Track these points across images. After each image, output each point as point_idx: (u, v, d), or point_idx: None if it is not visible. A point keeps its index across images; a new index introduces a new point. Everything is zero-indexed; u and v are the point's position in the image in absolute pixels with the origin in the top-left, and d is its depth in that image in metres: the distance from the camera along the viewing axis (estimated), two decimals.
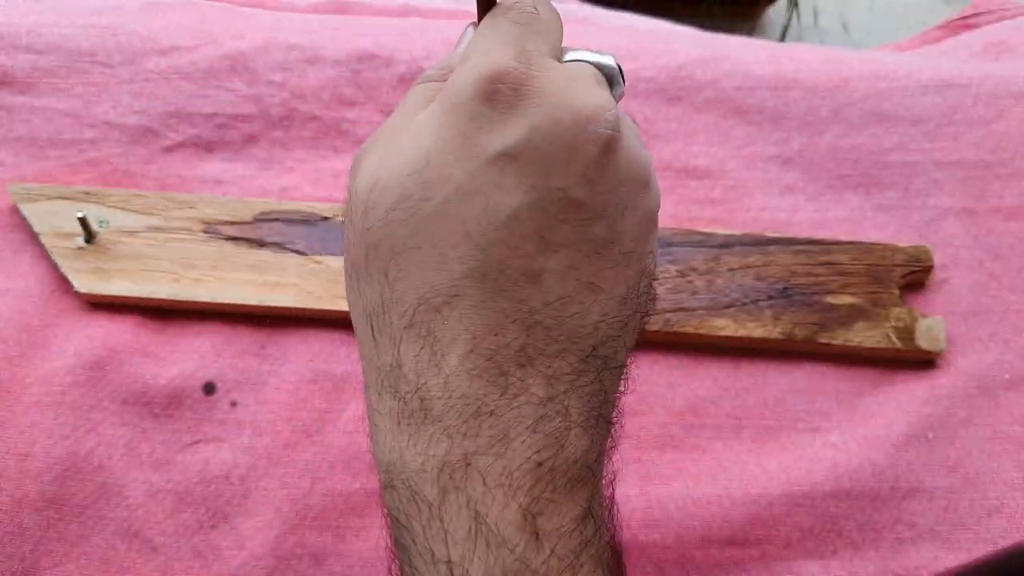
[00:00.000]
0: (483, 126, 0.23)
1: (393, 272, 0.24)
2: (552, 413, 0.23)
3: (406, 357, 0.23)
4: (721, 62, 0.54)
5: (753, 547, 0.42)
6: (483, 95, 0.23)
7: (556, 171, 0.23)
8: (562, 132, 0.23)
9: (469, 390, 0.23)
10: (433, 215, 0.23)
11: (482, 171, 0.23)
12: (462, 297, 0.23)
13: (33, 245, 0.48)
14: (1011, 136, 0.52)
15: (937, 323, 0.46)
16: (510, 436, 0.23)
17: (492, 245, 0.23)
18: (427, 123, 0.24)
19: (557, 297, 0.24)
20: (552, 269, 0.24)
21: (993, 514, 0.43)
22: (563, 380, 0.23)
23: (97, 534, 0.42)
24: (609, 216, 0.24)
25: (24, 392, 0.44)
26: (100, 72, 0.52)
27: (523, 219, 0.23)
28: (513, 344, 0.23)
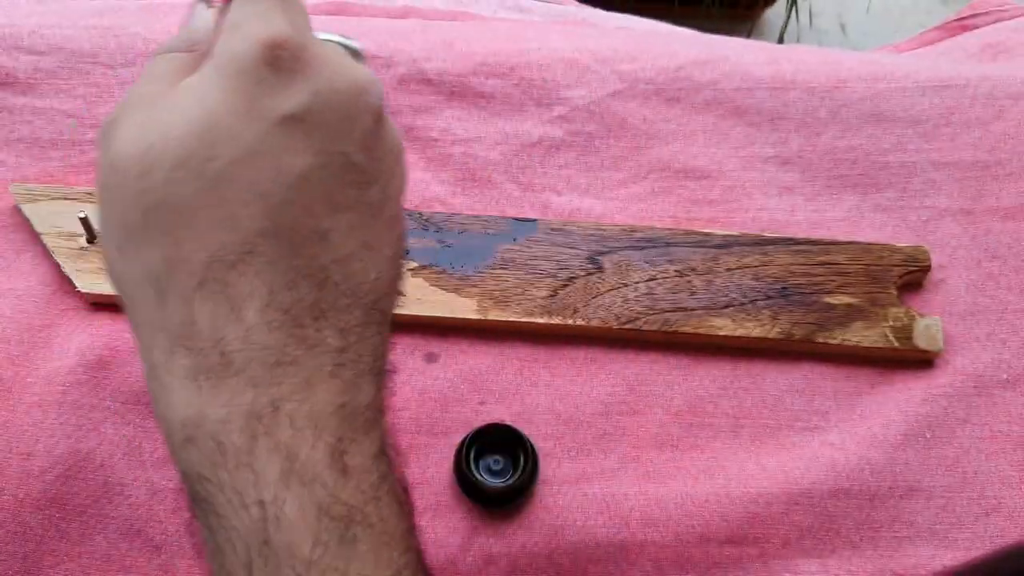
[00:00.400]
0: (268, 90, 0.24)
1: (179, 232, 0.24)
2: (347, 361, 0.25)
3: (200, 314, 0.23)
4: (720, 63, 0.54)
5: (751, 546, 0.43)
6: (266, 59, 0.24)
7: (339, 136, 0.25)
8: (342, 100, 0.25)
9: (269, 341, 0.23)
10: (221, 174, 0.23)
11: (270, 132, 0.24)
12: (256, 254, 0.24)
13: (35, 245, 0.48)
14: (1008, 137, 0.52)
15: (935, 323, 0.47)
16: (312, 382, 0.24)
17: (285, 204, 0.24)
18: (205, 86, 0.24)
19: (343, 255, 0.25)
20: (338, 228, 0.25)
21: (991, 513, 0.44)
22: (353, 332, 0.25)
23: (99, 533, 0.42)
24: (382, 181, 0.26)
25: (26, 391, 0.44)
26: (102, 73, 0.52)
27: (313, 180, 0.24)
28: (307, 298, 0.24)
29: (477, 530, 0.42)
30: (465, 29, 0.56)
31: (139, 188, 0.24)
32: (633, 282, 0.47)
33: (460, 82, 0.53)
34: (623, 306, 0.47)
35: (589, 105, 0.53)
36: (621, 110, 0.53)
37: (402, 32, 0.54)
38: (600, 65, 0.54)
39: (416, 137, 0.52)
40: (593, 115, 0.53)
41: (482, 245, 0.48)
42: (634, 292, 0.47)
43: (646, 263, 0.48)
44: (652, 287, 0.47)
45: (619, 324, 0.46)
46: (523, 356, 0.47)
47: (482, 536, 0.42)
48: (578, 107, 0.53)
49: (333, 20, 0.56)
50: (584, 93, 0.53)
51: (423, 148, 0.52)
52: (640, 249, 0.48)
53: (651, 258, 0.48)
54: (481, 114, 0.53)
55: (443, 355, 0.46)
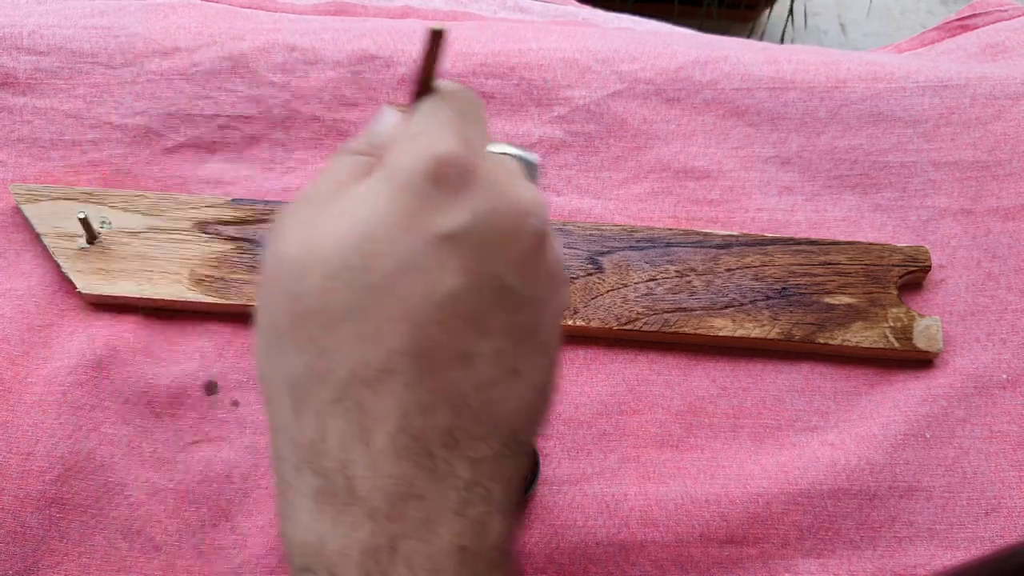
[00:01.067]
0: (429, 206, 0.23)
1: (325, 342, 0.23)
2: (475, 497, 0.23)
3: (332, 432, 0.23)
4: (720, 63, 0.54)
5: (751, 546, 0.43)
6: (432, 176, 0.23)
7: (495, 258, 0.24)
8: (503, 222, 0.24)
9: (396, 470, 0.22)
10: (373, 288, 0.23)
11: (426, 250, 0.23)
12: (396, 374, 0.23)
13: (35, 245, 0.48)
14: (1008, 137, 0.52)
15: (935, 323, 0.47)
16: (435, 520, 0.23)
17: (430, 324, 0.23)
18: (370, 196, 0.24)
19: (486, 381, 0.24)
20: (483, 353, 0.24)
21: (990, 513, 0.44)
22: (486, 463, 0.24)
23: (99, 533, 0.42)
24: (536, 307, 0.25)
25: (26, 392, 0.44)
26: (102, 73, 0.52)
27: (461, 301, 0.23)
28: (441, 425, 0.23)
29: None
30: (465, 29, 0.56)
31: (293, 291, 0.23)
32: (633, 282, 0.47)
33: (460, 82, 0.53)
34: (623, 306, 0.47)
35: (589, 105, 0.53)
36: (621, 110, 0.53)
37: (402, 32, 0.55)
38: (600, 65, 0.54)
39: None
40: (593, 115, 0.53)
41: None
42: (634, 292, 0.47)
43: (646, 263, 0.48)
44: (652, 287, 0.47)
45: (619, 324, 0.46)
46: None
47: None
48: (578, 107, 0.53)
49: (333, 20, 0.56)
50: (584, 93, 0.53)
51: None
52: (640, 249, 0.48)
53: (651, 258, 0.48)
54: None
55: None
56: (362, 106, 0.52)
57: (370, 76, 0.53)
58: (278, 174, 0.51)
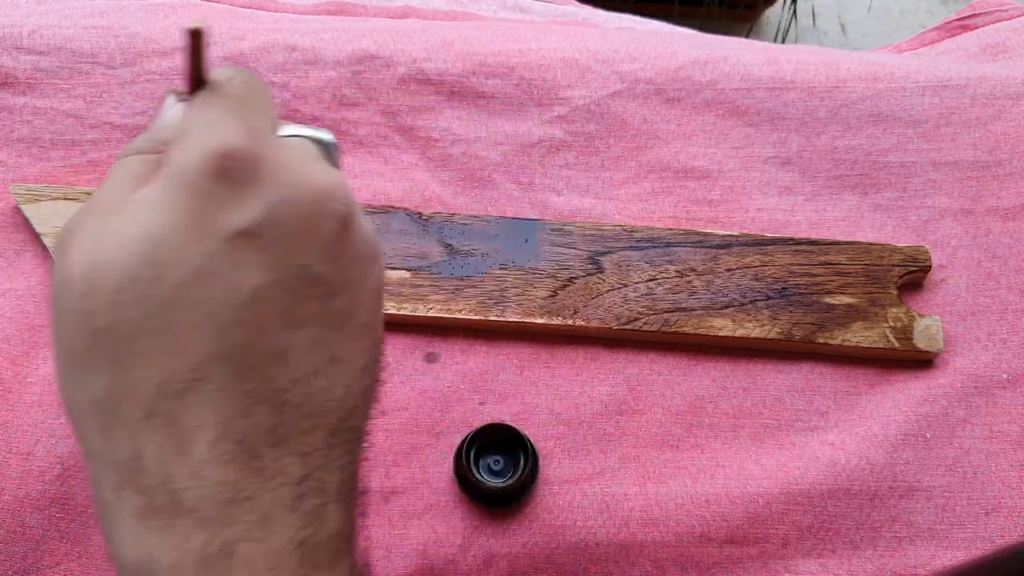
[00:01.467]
0: (217, 205, 0.22)
1: (125, 359, 0.22)
2: (309, 490, 0.23)
3: (147, 449, 0.22)
4: (720, 63, 0.54)
5: (751, 545, 0.43)
6: (214, 172, 0.22)
7: (298, 248, 0.23)
8: (301, 209, 0.23)
9: (222, 476, 0.22)
10: (169, 297, 0.22)
11: (220, 251, 0.22)
12: (205, 381, 0.22)
13: (35, 245, 0.48)
14: (1008, 137, 0.52)
15: (935, 323, 0.47)
16: (270, 519, 0.22)
17: (235, 325, 0.22)
18: (152, 200, 0.22)
19: (304, 373, 0.23)
20: (298, 346, 0.23)
21: (991, 513, 0.44)
22: (316, 456, 0.23)
23: (99, 533, 0.42)
24: (348, 290, 0.24)
25: (26, 391, 0.44)
26: (102, 73, 0.52)
27: (267, 297, 0.23)
28: (263, 424, 0.22)
29: (477, 530, 0.42)
30: (465, 29, 0.56)
31: (83, 310, 0.22)
32: (633, 282, 0.47)
33: (460, 82, 0.53)
34: (623, 306, 0.47)
35: (589, 105, 0.53)
36: (621, 110, 0.53)
37: (402, 32, 0.55)
38: (600, 65, 0.54)
39: (416, 137, 0.52)
40: (593, 115, 0.53)
41: (482, 245, 0.48)
42: (634, 292, 0.47)
43: (646, 263, 0.48)
44: (652, 287, 0.47)
45: (619, 324, 0.46)
46: (523, 356, 0.47)
47: (482, 536, 0.42)
48: (578, 107, 0.53)
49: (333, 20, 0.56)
50: (584, 93, 0.53)
51: (423, 148, 0.52)
52: (640, 249, 0.48)
53: (651, 258, 0.48)
54: (481, 114, 0.53)
55: (443, 355, 0.46)
56: (362, 106, 0.52)
57: (370, 76, 0.53)
58: None
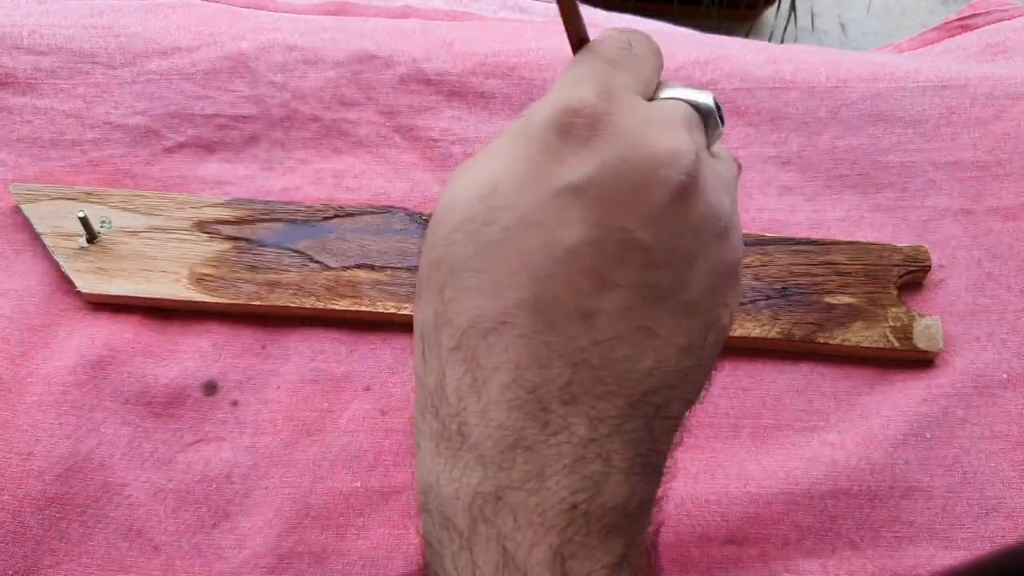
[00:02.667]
0: (554, 158, 0.23)
1: (449, 292, 0.23)
2: (592, 455, 0.23)
3: (450, 379, 0.23)
4: (720, 63, 0.54)
5: (751, 546, 0.43)
6: (557, 127, 0.23)
7: (621, 211, 0.23)
8: (631, 172, 0.23)
9: (507, 421, 0.22)
10: (494, 241, 0.23)
11: (547, 203, 0.23)
12: (511, 326, 0.23)
13: (35, 245, 0.48)
14: (1009, 137, 0.52)
15: (935, 323, 0.47)
16: (546, 473, 0.22)
17: (549, 277, 0.23)
18: (499, 149, 0.24)
19: (608, 337, 0.23)
20: (606, 309, 0.23)
21: (991, 513, 0.44)
22: (607, 423, 0.23)
23: (99, 533, 0.42)
24: (676, 264, 0.24)
25: (26, 391, 0.44)
26: (102, 73, 0.52)
27: (582, 255, 0.23)
28: (558, 380, 0.23)
29: None
30: (465, 29, 0.56)
31: (429, 243, 0.25)
32: None
33: (460, 82, 0.53)
34: None
35: None
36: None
37: (402, 32, 0.55)
38: None
39: (416, 137, 0.52)
40: None
41: None
42: None
43: None
44: None
45: None
46: None
47: None
48: None
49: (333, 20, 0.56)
50: None
51: (423, 148, 0.52)
52: None
53: None
54: (481, 114, 0.53)
55: None
56: (362, 106, 0.52)
57: (370, 76, 0.53)
58: (278, 174, 0.51)
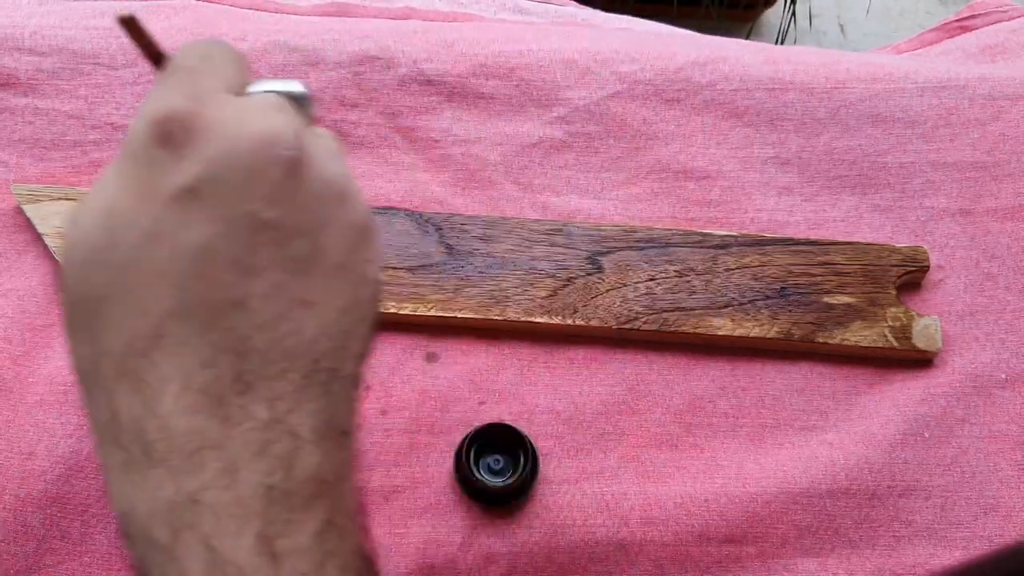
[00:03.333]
0: (160, 168, 0.23)
1: (97, 325, 0.23)
2: (277, 435, 0.23)
3: (121, 407, 0.23)
4: (719, 64, 0.54)
5: (750, 545, 0.43)
6: (155, 138, 0.23)
7: (241, 197, 0.24)
8: (240, 159, 0.24)
9: (188, 426, 0.23)
10: (124, 262, 0.23)
11: (165, 212, 0.23)
12: (166, 337, 0.23)
13: (37, 245, 0.48)
14: (1007, 137, 0.53)
15: (933, 323, 0.47)
16: (237, 466, 0.23)
17: (188, 280, 0.23)
18: (108, 175, 0.24)
19: (267, 318, 0.24)
20: (257, 293, 0.24)
21: (989, 512, 0.44)
22: (286, 400, 0.24)
23: (100, 532, 0.42)
24: (309, 232, 0.25)
25: (28, 391, 0.44)
26: (103, 74, 0.52)
27: (216, 250, 0.23)
28: (228, 373, 0.23)
29: (477, 530, 0.42)
30: (465, 30, 0.56)
31: (65, 285, 0.24)
32: (632, 282, 0.47)
33: (460, 83, 0.53)
34: (622, 306, 0.47)
35: (589, 106, 0.53)
36: (620, 111, 0.53)
37: (403, 33, 0.55)
38: (600, 66, 0.54)
39: (417, 138, 0.52)
40: (593, 116, 0.53)
41: (481, 245, 0.48)
42: (633, 292, 0.47)
43: (645, 263, 0.48)
44: (651, 287, 0.47)
45: (618, 324, 0.46)
46: (523, 356, 0.47)
47: (482, 536, 0.42)
48: (578, 108, 0.53)
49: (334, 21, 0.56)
50: (584, 94, 0.53)
51: (424, 149, 0.52)
52: (639, 249, 0.48)
53: (650, 258, 0.48)
54: (481, 115, 0.53)
55: (443, 355, 0.47)
56: (363, 107, 0.52)
57: (371, 77, 0.53)
58: None
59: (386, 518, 0.43)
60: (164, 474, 0.23)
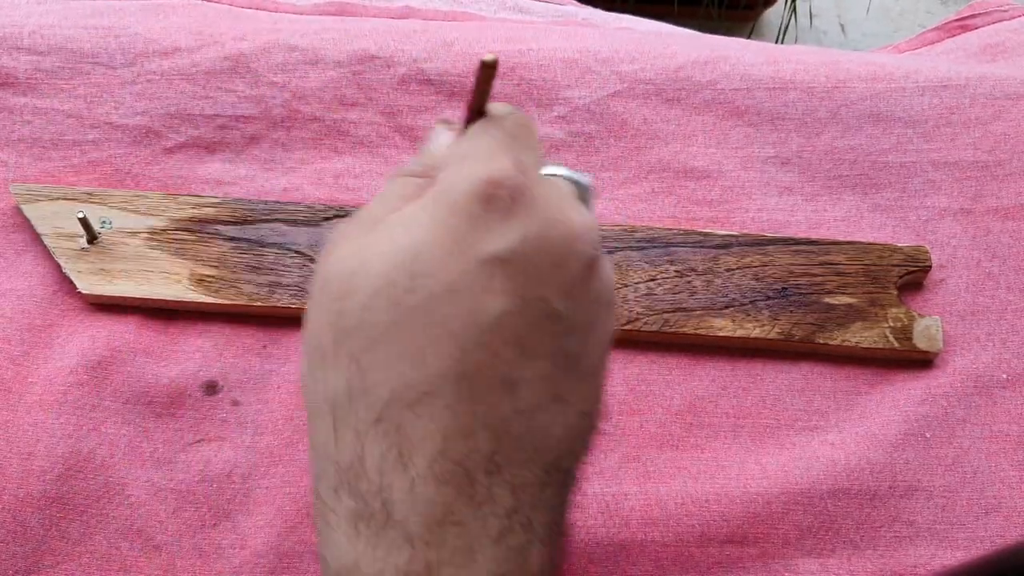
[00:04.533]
0: (478, 228, 0.23)
1: (366, 361, 0.23)
2: (516, 525, 0.23)
3: (370, 454, 0.22)
4: (719, 63, 0.54)
5: (751, 545, 0.43)
6: (481, 197, 0.23)
7: (543, 281, 0.24)
8: (553, 245, 0.24)
9: (436, 496, 0.22)
10: (417, 309, 0.23)
11: (472, 272, 0.23)
12: (437, 396, 0.22)
13: (36, 246, 0.48)
14: (1008, 137, 0.53)
15: (935, 323, 0.47)
16: (474, 548, 0.22)
17: (474, 347, 0.23)
18: (419, 216, 0.24)
19: (528, 406, 0.24)
20: (527, 378, 0.24)
21: (991, 513, 0.44)
22: (528, 491, 0.23)
23: (99, 533, 0.42)
24: (582, 332, 0.25)
25: (27, 392, 0.44)
26: (102, 73, 0.52)
27: (506, 325, 0.23)
28: (483, 450, 0.23)
29: None
30: (465, 30, 0.56)
31: (336, 309, 0.24)
32: (633, 282, 0.47)
33: (460, 82, 0.53)
34: (623, 306, 0.47)
35: (589, 105, 0.53)
36: (621, 110, 0.53)
37: (402, 32, 0.55)
38: (600, 65, 0.54)
39: (417, 137, 0.52)
40: (593, 115, 0.53)
41: None
42: (634, 292, 0.47)
43: (646, 263, 0.48)
44: (652, 287, 0.47)
45: (618, 324, 0.46)
46: None
47: None
48: (578, 107, 0.53)
49: (334, 20, 0.56)
50: (584, 93, 0.53)
51: None
52: (640, 249, 0.48)
53: (651, 258, 0.48)
54: None
55: None
56: (362, 106, 0.52)
57: (370, 76, 0.53)
58: (278, 174, 0.51)
59: None
60: (401, 539, 0.22)
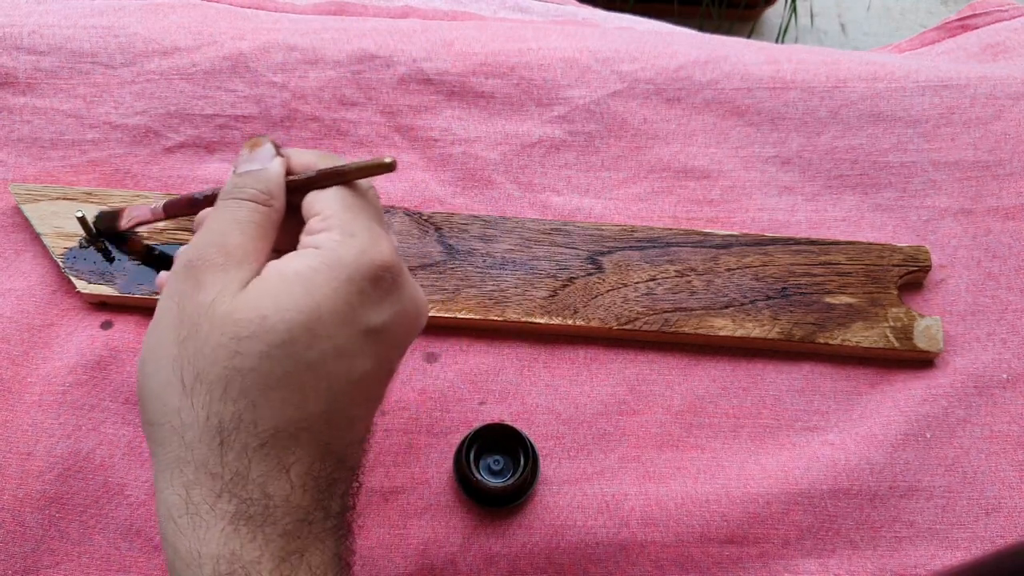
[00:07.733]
0: (366, 303, 0.29)
1: (257, 398, 0.28)
2: (344, 524, 0.31)
3: (255, 471, 0.28)
4: (720, 63, 0.54)
5: (751, 545, 0.43)
6: (373, 278, 0.29)
7: (398, 348, 0.32)
8: (409, 321, 0.31)
9: (302, 502, 0.29)
10: (310, 365, 0.28)
11: (356, 338, 0.29)
12: (308, 431, 0.29)
13: (35, 245, 0.48)
14: (1008, 136, 0.52)
15: (935, 323, 0.47)
16: (323, 537, 0.29)
17: (342, 395, 0.29)
18: (317, 281, 0.29)
19: (359, 438, 0.31)
20: (362, 417, 0.31)
21: (991, 513, 0.44)
22: (348, 496, 0.31)
23: (99, 533, 0.42)
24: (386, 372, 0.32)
25: (26, 391, 0.44)
26: (102, 73, 0.52)
27: (367, 381, 0.30)
28: (328, 470, 0.30)
29: (477, 531, 0.42)
30: (465, 29, 0.56)
31: (234, 349, 0.28)
32: (633, 282, 0.47)
33: (460, 82, 0.53)
34: (623, 306, 0.47)
35: (589, 105, 0.53)
36: (621, 110, 0.53)
37: (402, 32, 0.55)
38: (600, 65, 0.54)
39: (416, 137, 0.52)
40: (593, 115, 0.53)
41: (481, 245, 0.48)
42: (634, 292, 0.47)
43: (646, 263, 0.48)
44: (652, 287, 0.47)
45: (619, 324, 0.46)
46: (523, 356, 0.47)
47: (482, 536, 0.42)
48: (578, 107, 0.53)
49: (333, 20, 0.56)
50: (584, 93, 0.53)
51: (423, 148, 0.52)
52: (640, 249, 0.48)
53: (651, 258, 0.48)
54: (481, 114, 0.53)
55: (443, 355, 0.46)
56: (362, 106, 0.52)
57: (370, 76, 0.53)
58: None
59: (386, 518, 0.42)
60: (277, 532, 0.28)
